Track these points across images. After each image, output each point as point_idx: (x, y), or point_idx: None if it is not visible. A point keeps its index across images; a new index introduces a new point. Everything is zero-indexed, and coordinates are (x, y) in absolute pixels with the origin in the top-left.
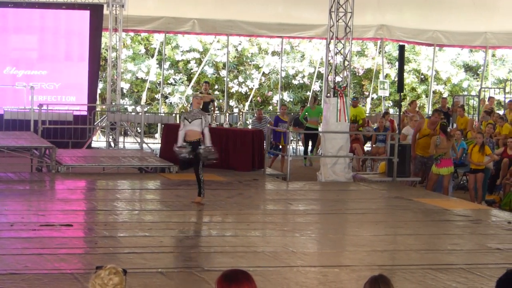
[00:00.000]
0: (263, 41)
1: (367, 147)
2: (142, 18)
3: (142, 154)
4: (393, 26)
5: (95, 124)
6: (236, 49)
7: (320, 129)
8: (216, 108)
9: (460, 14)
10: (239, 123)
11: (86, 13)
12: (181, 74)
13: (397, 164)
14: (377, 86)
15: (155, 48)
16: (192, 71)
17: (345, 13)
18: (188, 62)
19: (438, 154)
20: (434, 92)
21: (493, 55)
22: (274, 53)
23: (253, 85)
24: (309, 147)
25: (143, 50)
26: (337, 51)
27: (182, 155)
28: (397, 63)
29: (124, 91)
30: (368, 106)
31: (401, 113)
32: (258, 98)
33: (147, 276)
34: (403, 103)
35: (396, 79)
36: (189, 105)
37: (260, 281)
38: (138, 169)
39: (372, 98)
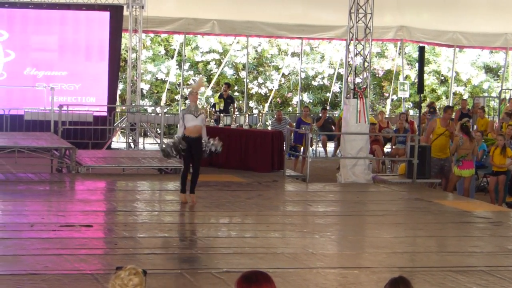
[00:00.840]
0: (283, 42)
1: (387, 148)
2: (161, 19)
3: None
4: (413, 27)
5: (115, 125)
6: (256, 50)
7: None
8: (236, 109)
9: (480, 15)
10: (258, 124)
11: (106, 14)
12: (201, 75)
13: (417, 165)
14: (397, 88)
15: (174, 49)
16: (211, 72)
17: (365, 14)
18: (208, 63)
19: (461, 156)
20: (454, 94)
21: None
22: (293, 54)
23: (273, 86)
24: None
25: (163, 51)
26: (357, 52)
27: (171, 148)
28: (417, 64)
29: (144, 92)
30: (388, 107)
31: (421, 115)
32: (278, 99)
33: (166, 277)
34: (422, 104)
35: (416, 80)
36: (208, 107)
37: (279, 283)
38: (158, 170)
39: (392, 100)
